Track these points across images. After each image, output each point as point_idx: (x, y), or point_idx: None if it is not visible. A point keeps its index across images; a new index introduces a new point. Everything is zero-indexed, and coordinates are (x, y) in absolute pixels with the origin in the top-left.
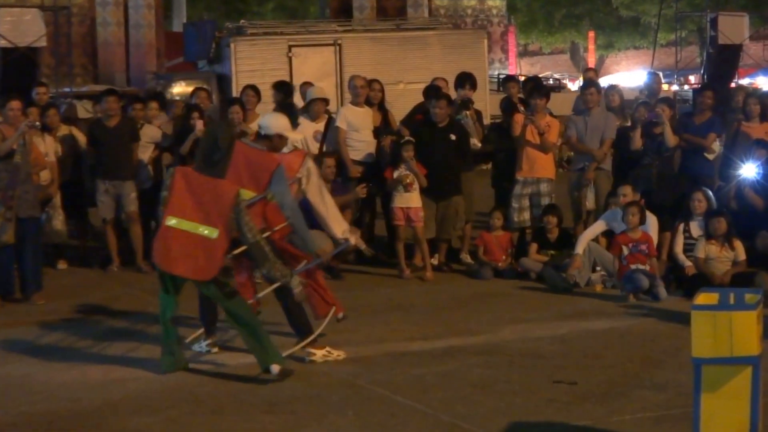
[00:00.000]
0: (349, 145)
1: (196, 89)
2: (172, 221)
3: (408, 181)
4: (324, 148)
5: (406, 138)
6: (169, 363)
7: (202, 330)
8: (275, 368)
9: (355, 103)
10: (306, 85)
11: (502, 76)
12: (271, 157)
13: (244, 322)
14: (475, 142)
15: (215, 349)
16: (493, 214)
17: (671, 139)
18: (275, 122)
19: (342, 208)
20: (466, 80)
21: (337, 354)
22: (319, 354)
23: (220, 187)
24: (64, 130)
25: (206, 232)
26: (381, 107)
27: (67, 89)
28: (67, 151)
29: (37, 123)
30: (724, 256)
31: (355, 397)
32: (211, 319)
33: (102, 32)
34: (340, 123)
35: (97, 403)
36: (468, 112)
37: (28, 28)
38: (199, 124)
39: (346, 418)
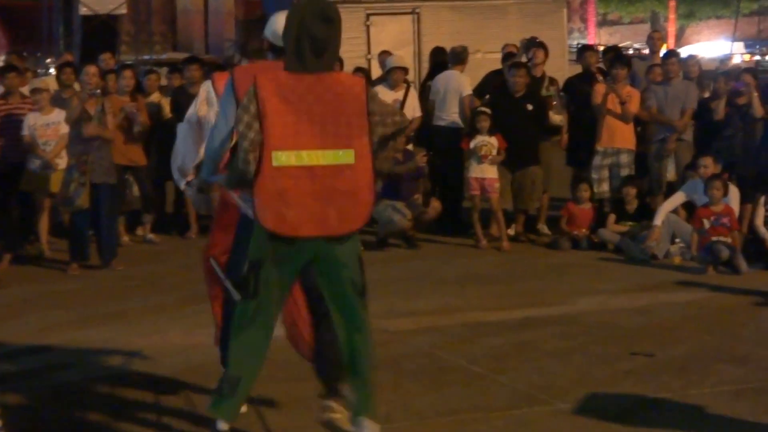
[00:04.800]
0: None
1: None
2: (283, 158)
3: (483, 152)
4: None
5: (479, 108)
6: (231, 409)
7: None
8: (369, 426)
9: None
10: (385, 53)
11: (580, 46)
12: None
13: (369, 349)
14: (561, 119)
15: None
16: (579, 187)
17: (759, 109)
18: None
19: (408, 178)
20: (532, 43)
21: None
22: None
23: (338, 83)
24: (155, 98)
25: (344, 154)
26: None
27: (146, 56)
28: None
29: (98, 90)
30: None
31: (431, 366)
32: (334, 368)
33: (181, 0)
34: (470, 90)
35: (178, 368)
36: (553, 88)
37: None
38: None
39: (422, 387)
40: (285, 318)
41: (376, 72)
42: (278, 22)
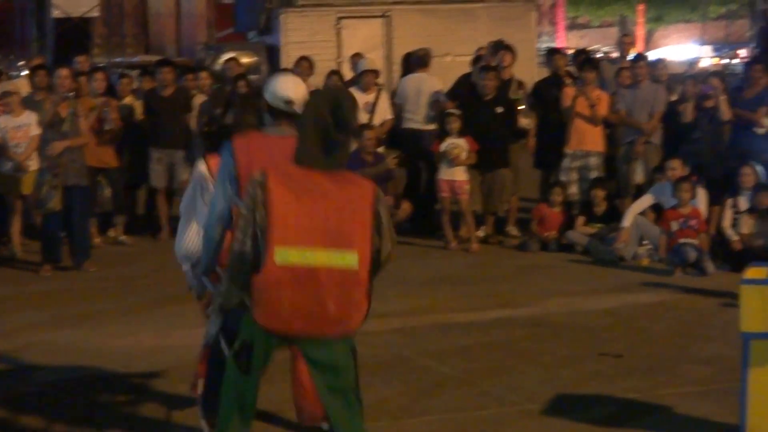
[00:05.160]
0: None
1: (227, 60)
2: (288, 256)
3: (454, 154)
4: (373, 119)
5: (449, 110)
6: None
7: None
8: None
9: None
10: (357, 56)
11: (548, 49)
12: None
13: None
14: (529, 123)
15: None
16: (553, 190)
17: (726, 112)
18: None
19: (378, 180)
20: (499, 45)
21: None
22: None
23: (348, 184)
24: (128, 100)
25: (348, 258)
26: None
27: (119, 59)
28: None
29: (71, 93)
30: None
31: (401, 366)
32: None
33: (153, 2)
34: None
35: (148, 369)
36: (521, 91)
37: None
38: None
39: (392, 388)
40: (295, 396)
41: (347, 75)
42: (277, 83)
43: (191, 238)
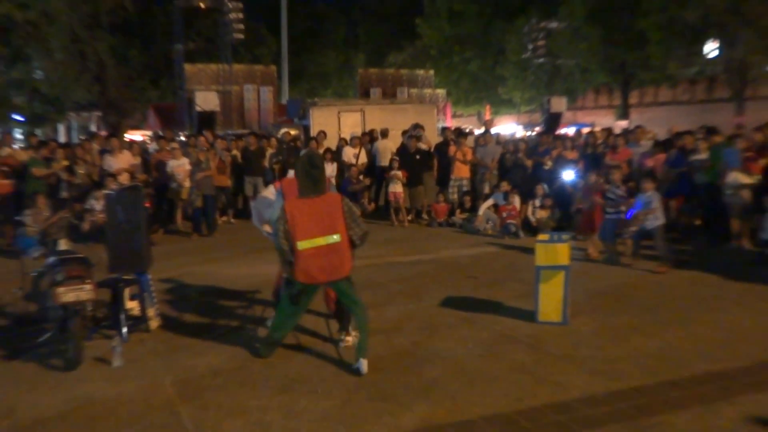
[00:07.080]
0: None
1: (284, 132)
2: (305, 245)
3: (395, 178)
4: (358, 162)
5: (393, 158)
6: (268, 351)
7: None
8: (364, 365)
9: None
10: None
11: (441, 127)
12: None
13: (365, 316)
14: (425, 146)
15: (350, 337)
16: (438, 196)
17: (527, 160)
18: None
19: (359, 192)
20: (417, 125)
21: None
22: (350, 340)
23: (327, 199)
24: (234, 152)
25: (335, 237)
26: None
27: (229, 131)
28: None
29: (206, 148)
30: (549, 217)
31: (368, 284)
32: (347, 317)
33: (246, 103)
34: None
35: (246, 285)
36: (420, 128)
37: (210, 101)
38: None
39: (367, 296)
40: (325, 294)
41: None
42: (303, 153)
43: (257, 218)
